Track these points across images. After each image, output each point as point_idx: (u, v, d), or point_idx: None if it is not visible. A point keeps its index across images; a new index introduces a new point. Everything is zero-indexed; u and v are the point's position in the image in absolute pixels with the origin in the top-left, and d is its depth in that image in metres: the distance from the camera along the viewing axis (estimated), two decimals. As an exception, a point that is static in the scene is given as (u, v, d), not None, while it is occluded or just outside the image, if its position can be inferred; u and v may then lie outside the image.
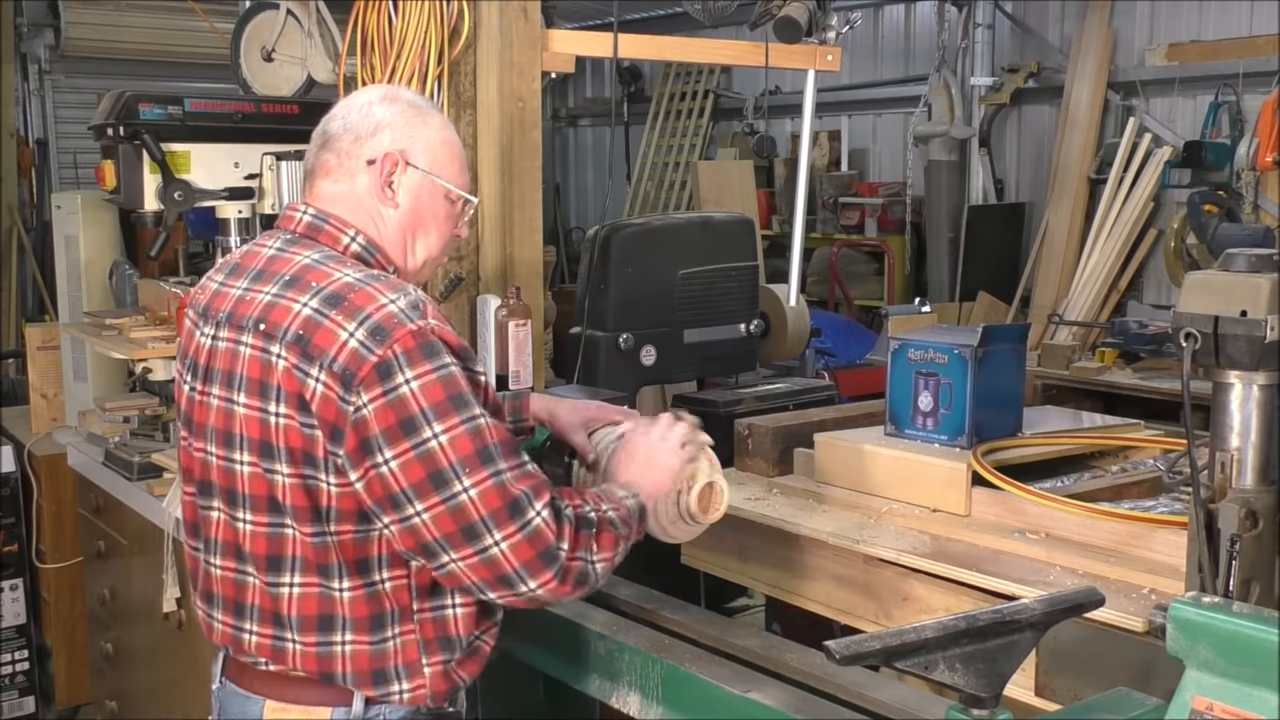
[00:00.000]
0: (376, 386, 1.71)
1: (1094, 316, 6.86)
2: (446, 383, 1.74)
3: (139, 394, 3.91)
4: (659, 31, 4.92)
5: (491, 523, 1.73)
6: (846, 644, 1.52)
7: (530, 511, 1.74)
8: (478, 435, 1.74)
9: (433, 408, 1.72)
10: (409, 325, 1.74)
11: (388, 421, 1.72)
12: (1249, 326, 1.73)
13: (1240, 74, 6.60)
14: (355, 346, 1.73)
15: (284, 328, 1.78)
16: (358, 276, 1.81)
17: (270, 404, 1.79)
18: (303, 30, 3.70)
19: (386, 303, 1.76)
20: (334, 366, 1.73)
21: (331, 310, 1.76)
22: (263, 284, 1.86)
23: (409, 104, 1.98)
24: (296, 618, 1.84)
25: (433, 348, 1.75)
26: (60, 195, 4.95)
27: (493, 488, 1.73)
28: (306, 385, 1.75)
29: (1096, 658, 1.91)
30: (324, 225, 1.93)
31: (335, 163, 1.95)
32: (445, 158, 1.99)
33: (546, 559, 1.75)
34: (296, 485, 1.79)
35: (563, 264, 9.40)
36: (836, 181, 8.88)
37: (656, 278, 3.23)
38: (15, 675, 4.50)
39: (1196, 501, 1.78)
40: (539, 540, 1.75)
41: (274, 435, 1.79)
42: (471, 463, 1.73)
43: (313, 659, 1.84)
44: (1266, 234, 5.36)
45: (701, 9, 3.77)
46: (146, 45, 8.67)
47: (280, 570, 1.84)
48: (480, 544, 1.73)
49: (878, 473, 2.52)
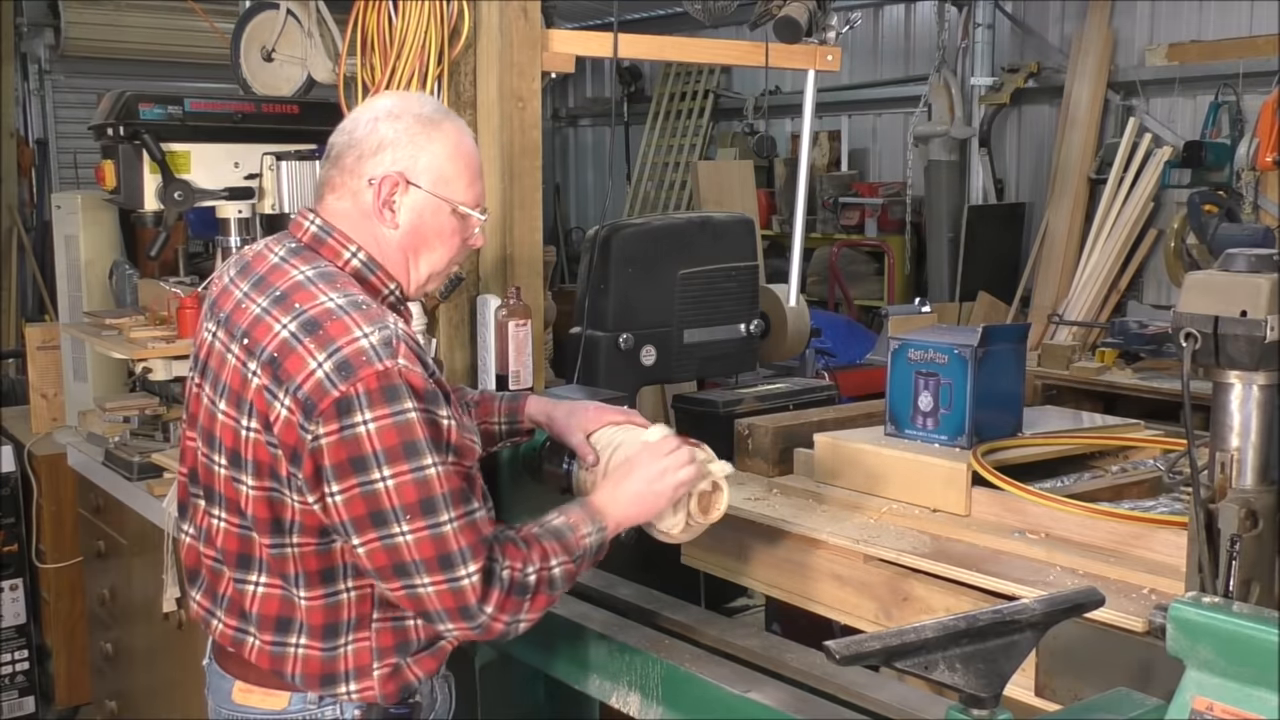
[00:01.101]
0: (334, 421, 1.75)
1: (1094, 316, 6.86)
2: (402, 428, 1.76)
3: (139, 394, 3.91)
4: (659, 31, 4.92)
5: (422, 567, 1.78)
6: (846, 644, 1.52)
7: (460, 570, 1.78)
8: (425, 484, 1.77)
9: (385, 451, 1.75)
10: (375, 365, 1.76)
11: (339, 457, 1.75)
12: (1249, 326, 1.73)
13: (1240, 74, 6.60)
14: (320, 378, 1.75)
15: (262, 346, 1.82)
16: (340, 303, 1.82)
17: (243, 417, 1.84)
18: (303, 30, 3.70)
19: (359, 336, 1.77)
20: (298, 394, 1.77)
21: (306, 337, 1.79)
22: (259, 293, 1.89)
23: (416, 118, 1.95)
24: (257, 615, 1.90)
25: (394, 392, 1.76)
26: (60, 195, 4.95)
27: (429, 538, 1.77)
28: (272, 408, 1.79)
29: (1096, 658, 1.91)
30: (327, 239, 1.95)
31: (340, 180, 1.97)
32: (453, 172, 1.97)
33: (464, 614, 1.80)
34: (260, 497, 1.85)
35: (563, 264, 9.40)
36: (836, 181, 8.88)
37: (656, 278, 3.23)
38: (15, 675, 4.50)
39: (1196, 501, 1.78)
40: (461, 598, 1.79)
41: (243, 447, 1.84)
42: (413, 510, 1.76)
43: (267, 656, 1.90)
44: (1266, 234, 5.36)
45: (701, 9, 3.77)
46: (146, 45, 8.67)
47: (249, 569, 1.90)
48: (409, 581, 1.79)
49: (878, 473, 2.52)
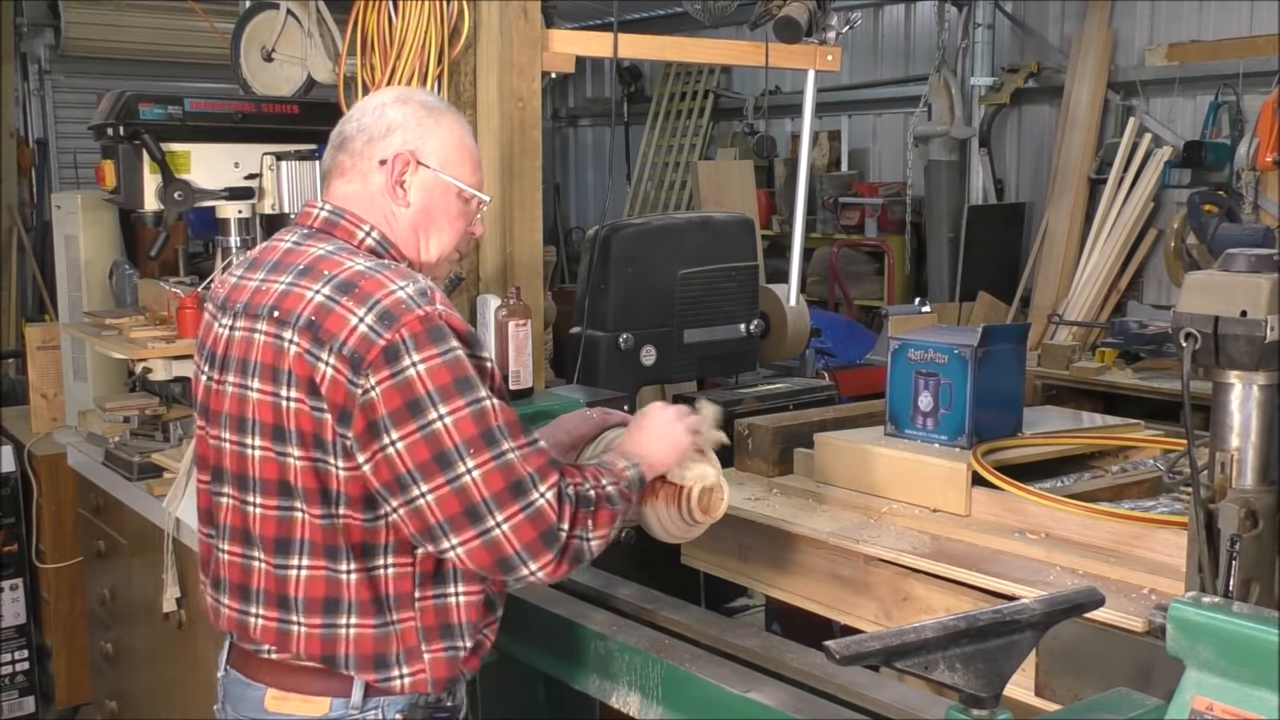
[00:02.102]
0: (384, 369, 1.76)
1: (1094, 316, 6.86)
2: (452, 366, 1.79)
3: (139, 394, 3.91)
4: (659, 31, 4.93)
5: (495, 504, 1.77)
6: (846, 644, 1.52)
7: (534, 493, 1.79)
8: (482, 417, 1.78)
9: (439, 390, 1.77)
10: (417, 310, 1.79)
11: (394, 403, 1.76)
12: (1249, 326, 1.73)
13: (1240, 74, 6.60)
14: (364, 331, 1.78)
15: (296, 314, 1.83)
16: (369, 265, 1.87)
17: (282, 388, 1.84)
18: (303, 30, 3.70)
19: (395, 289, 1.81)
20: (343, 350, 1.78)
21: (343, 296, 1.81)
22: (278, 274, 1.91)
23: (422, 105, 2.03)
24: (303, 600, 1.88)
25: (440, 332, 1.79)
26: (60, 195, 4.95)
27: (496, 469, 1.77)
28: (317, 369, 1.80)
29: (1096, 658, 1.91)
30: (340, 220, 1.99)
31: (349, 163, 2.01)
32: (457, 157, 2.04)
33: (547, 539, 1.79)
34: (308, 468, 1.84)
35: (563, 264, 9.40)
36: (836, 181, 8.88)
37: (656, 278, 3.24)
38: (15, 675, 4.49)
39: (1196, 501, 1.79)
40: (541, 521, 1.79)
41: (285, 419, 1.84)
42: (476, 444, 1.77)
43: (317, 642, 1.88)
44: (1266, 234, 5.36)
45: (701, 9, 3.77)
46: (146, 45, 8.67)
47: (289, 553, 1.88)
48: (483, 525, 1.77)
49: (878, 473, 2.52)
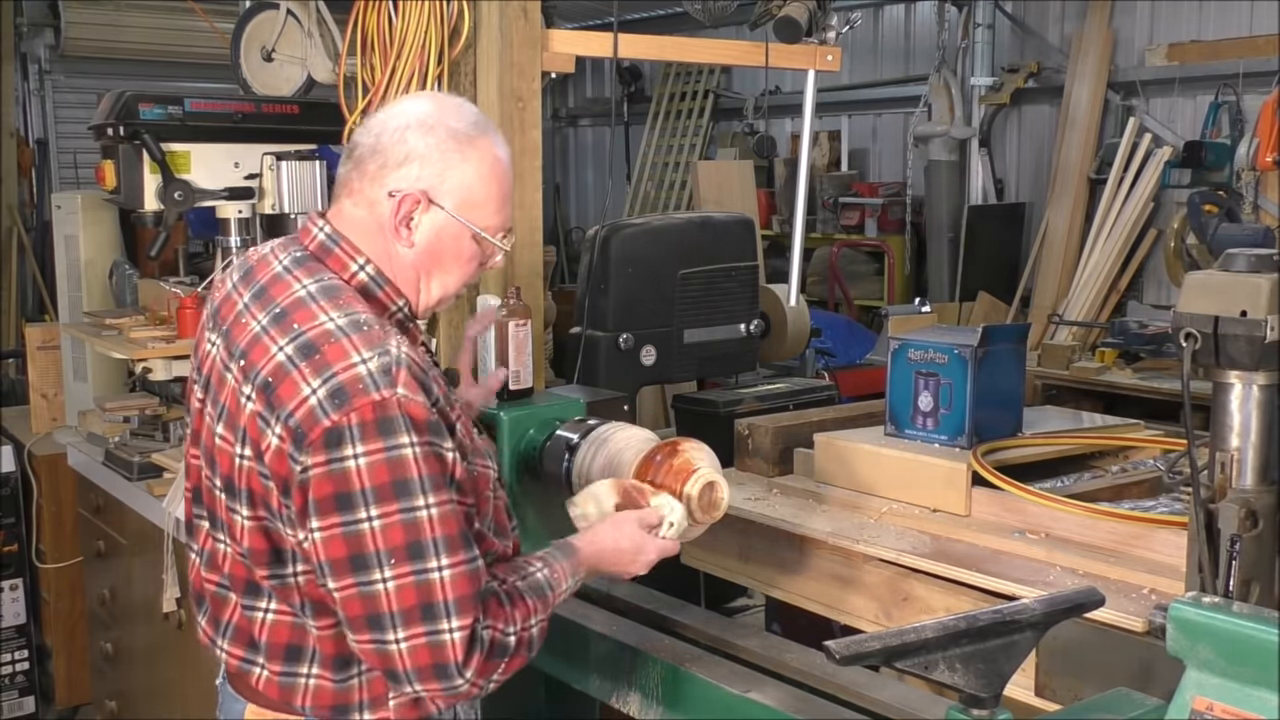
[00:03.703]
0: (322, 453, 1.64)
1: (1094, 316, 6.85)
2: (395, 465, 1.65)
3: (139, 394, 3.91)
4: (659, 31, 4.93)
5: (400, 619, 1.65)
6: (846, 644, 1.52)
7: (443, 623, 1.66)
8: (414, 526, 1.65)
9: (375, 489, 1.64)
10: (372, 395, 1.65)
11: (324, 491, 1.65)
12: (1249, 326, 1.73)
13: (1240, 74, 6.59)
14: (313, 405, 1.66)
15: (258, 369, 1.73)
16: (341, 324, 1.72)
17: (238, 444, 1.75)
18: (303, 30, 3.70)
19: (357, 363, 1.67)
20: (289, 421, 1.67)
21: (302, 361, 1.69)
22: (260, 308, 1.79)
23: (450, 134, 1.82)
24: (266, 643, 1.81)
25: (390, 424, 1.65)
26: (60, 195, 4.95)
27: (413, 585, 1.65)
28: (264, 436, 1.70)
29: (1096, 658, 1.91)
30: (334, 249, 1.84)
31: (359, 186, 1.84)
32: (481, 197, 1.85)
33: (439, 673, 1.67)
34: (255, 529, 1.75)
35: (563, 264, 9.40)
36: (836, 181, 8.88)
37: (656, 278, 3.23)
38: (15, 675, 4.50)
39: (1196, 501, 1.79)
40: (439, 653, 1.66)
41: (237, 476, 1.75)
42: (399, 554, 1.64)
43: (275, 687, 1.82)
44: (1266, 234, 5.36)
45: (701, 9, 3.77)
46: (146, 45, 8.66)
47: (258, 595, 1.81)
48: (381, 635, 1.66)
49: (878, 473, 2.52)
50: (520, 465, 2.43)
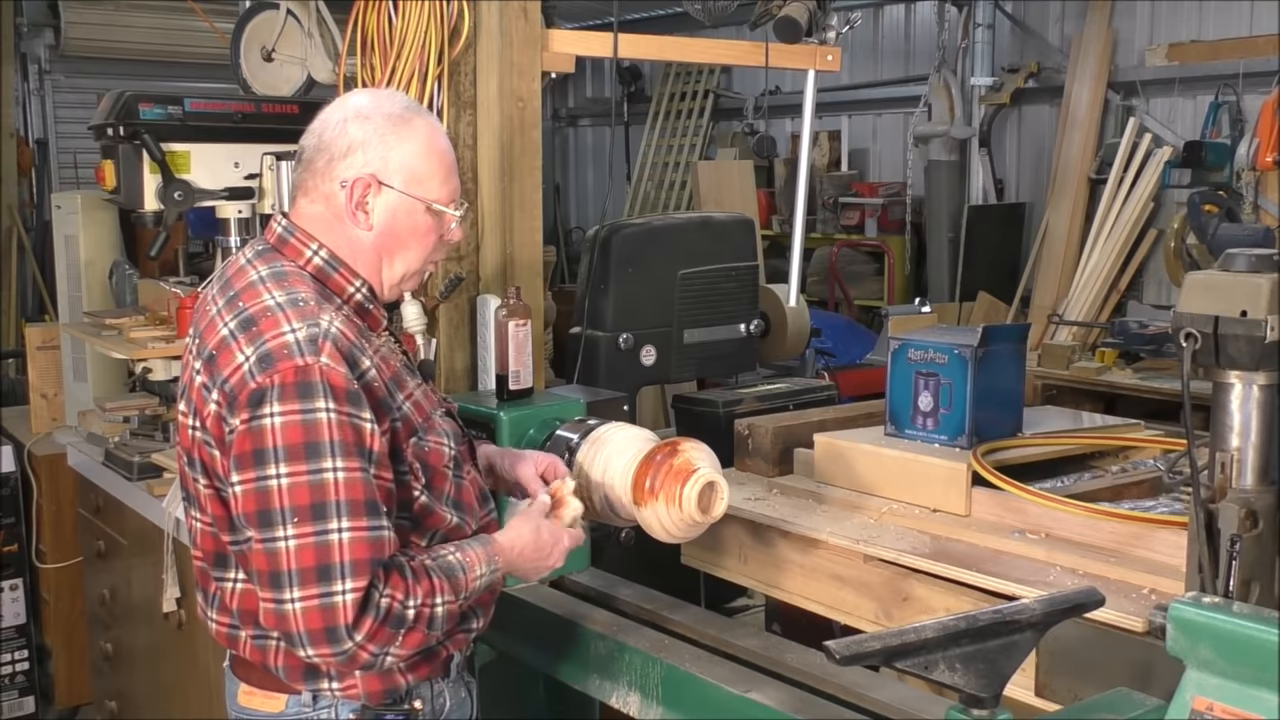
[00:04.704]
0: (245, 411, 1.75)
1: (1094, 316, 6.85)
2: (308, 427, 1.74)
3: (139, 394, 3.90)
4: (659, 31, 4.92)
5: (296, 578, 1.72)
6: (846, 644, 1.52)
7: (337, 584, 1.71)
8: (320, 488, 1.73)
9: (286, 448, 1.73)
10: (295, 360, 1.76)
11: (242, 448, 1.75)
12: (1249, 326, 1.73)
13: (1240, 74, 6.59)
14: (244, 371, 1.77)
15: (206, 345, 1.85)
16: (280, 300, 1.84)
17: (191, 417, 1.87)
18: (303, 30, 3.70)
19: (286, 331, 1.79)
20: (225, 387, 1.79)
21: (241, 333, 1.81)
22: (221, 296, 1.92)
23: (385, 119, 1.94)
24: (238, 611, 1.91)
25: (309, 389, 1.75)
26: (60, 195, 4.95)
27: (312, 545, 1.72)
28: (206, 405, 1.82)
29: (1096, 658, 1.91)
30: (290, 239, 1.96)
31: (311, 184, 1.96)
32: (425, 171, 1.96)
33: (330, 636, 1.72)
34: (211, 495, 1.86)
35: (563, 264, 9.40)
36: (836, 181, 8.88)
37: (656, 278, 3.23)
38: (15, 675, 4.50)
39: (1196, 501, 1.79)
40: (331, 615, 1.71)
41: (193, 447, 1.87)
42: (303, 513, 1.72)
43: (255, 650, 1.91)
44: (1266, 234, 5.36)
45: (701, 9, 3.77)
46: (146, 45, 8.67)
47: (225, 567, 1.91)
48: (279, 594, 1.73)
49: (878, 473, 2.52)
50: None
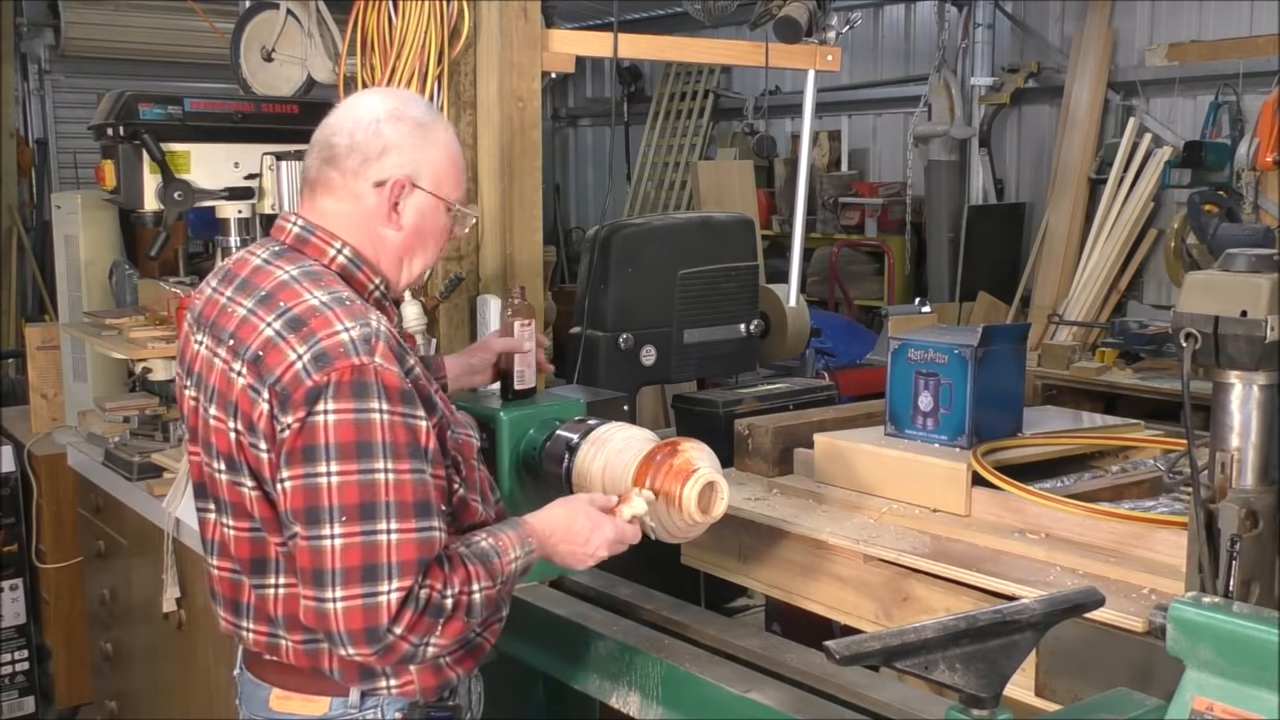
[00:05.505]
0: (301, 409, 1.74)
1: (1094, 316, 6.86)
2: (361, 427, 1.74)
3: (139, 394, 3.90)
4: (659, 31, 4.92)
5: (340, 578, 1.71)
6: (846, 644, 1.52)
7: (382, 585, 1.71)
8: (370, 488, 1.73)
9: (338, 445, 1.73)
10: (353, 359, 1.75)
11: (294, 444, 1.74)
12: (1249, 326, 1.73)
13: (1240, 74, 6.60)
14: (299, 369, 1.76)
15: (247, 345, 1.82)
16: (324, 299, 1.83)
17: (230, 419, 1.84)
18: (303, 30, 3.70)
19: (340, 330, 1.78)
20: (276, 387, 1.77)
21: (290, 333, 1.79)
22: (244, 296, 1.89)
23: (416, 123, 1.96)
24: (283, 617, 1.88)
25: (364, 388, 1.75)
26: (60, 195, 4.95)
27: (359, 545, 1.71)
28: (256, 406, 1.79)
29: (1096, 658, 1.91)
30: (310, 237, 1.95)
31: (340, 182, 1.95)
32: (449, 173, 2.00)
33: (370, 636, 1.72)
34: (260, 497, 1.83)
35: (563, 264, 9.40)
36: (836, 181, 8.88)
37: (656, 278, 3.23)
38: (15, 675, 4.49)
39: (1196, 501, 1.79)
40: (373, 616, 1.71)
41: (234, 450, 1.84)
42: (351, 512, 1.72)
43: (303, 655, 1.89)
44: (1267, 234, 5.36)
45: (701, 9, 3.77)
46: (146, 45, 8.66)
47: (265, 573, 1.88)
48: (321, 592, 1.73)
49: (878, 473, 2.52)
50: (520, 465, 2.43)
